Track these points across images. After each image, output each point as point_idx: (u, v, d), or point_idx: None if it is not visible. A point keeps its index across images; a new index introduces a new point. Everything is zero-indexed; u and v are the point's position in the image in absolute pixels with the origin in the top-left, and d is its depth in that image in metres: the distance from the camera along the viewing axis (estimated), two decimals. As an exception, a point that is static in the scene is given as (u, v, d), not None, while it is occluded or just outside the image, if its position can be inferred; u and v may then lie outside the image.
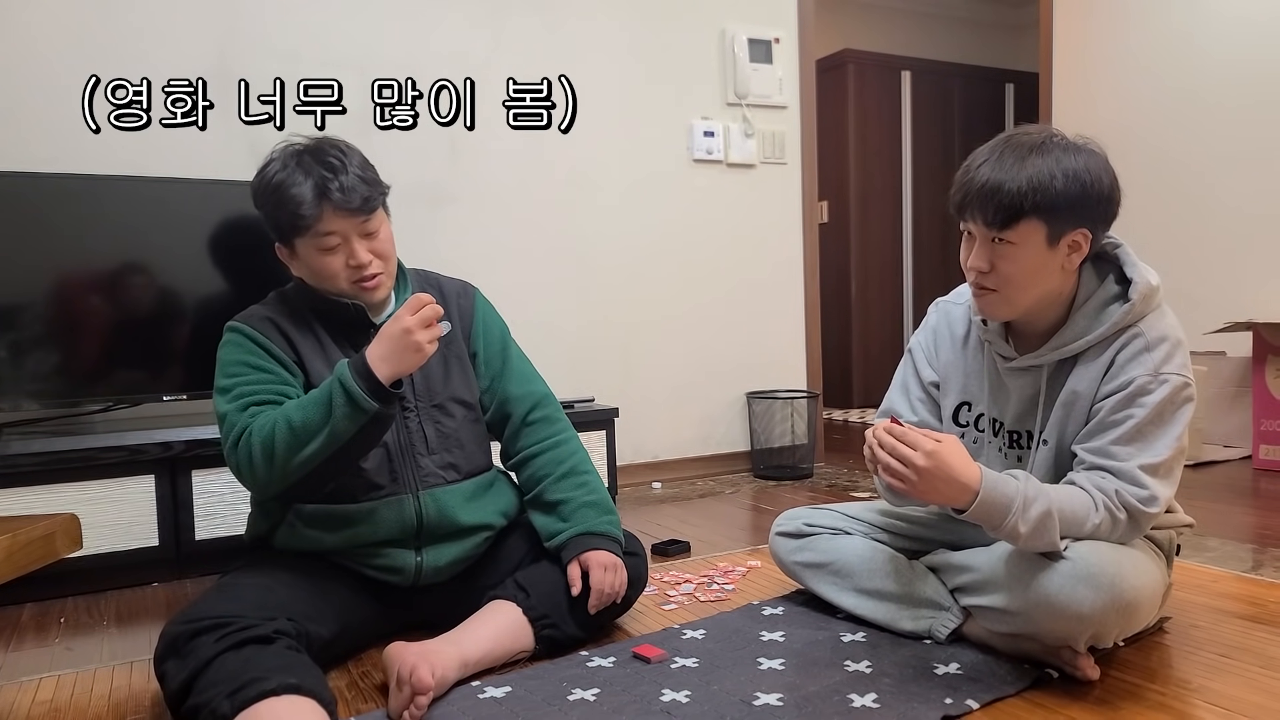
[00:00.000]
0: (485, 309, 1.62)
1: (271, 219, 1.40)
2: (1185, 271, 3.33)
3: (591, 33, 2.85)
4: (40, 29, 2.17)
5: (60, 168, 2.11)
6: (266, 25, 2.41)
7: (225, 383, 1.38)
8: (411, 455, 1.44)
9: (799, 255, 3.27)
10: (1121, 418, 1.25)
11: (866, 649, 1.38)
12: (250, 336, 1.41)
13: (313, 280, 1.44)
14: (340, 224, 1.37)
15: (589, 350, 2.88)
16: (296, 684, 1.07)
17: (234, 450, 1.33)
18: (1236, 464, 3.02)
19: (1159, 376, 1.25)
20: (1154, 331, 1.28)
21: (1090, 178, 1.23)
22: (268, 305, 1.49)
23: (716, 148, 3.07)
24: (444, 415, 1.49)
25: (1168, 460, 1.24)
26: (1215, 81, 3.37)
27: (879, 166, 4.92)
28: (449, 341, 1.53)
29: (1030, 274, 1.26)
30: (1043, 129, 1.28)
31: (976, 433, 1.44)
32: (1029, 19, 5.12)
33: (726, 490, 2.85)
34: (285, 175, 1.37)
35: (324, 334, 1.46)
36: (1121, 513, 1.23)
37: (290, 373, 1.40)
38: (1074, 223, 1.24)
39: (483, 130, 2.67)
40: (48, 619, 1.77)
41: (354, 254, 1.39)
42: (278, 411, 1.31)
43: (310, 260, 1.40)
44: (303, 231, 1.37)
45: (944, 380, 1.49)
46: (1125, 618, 1.20)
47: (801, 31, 3.22)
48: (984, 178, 1.24)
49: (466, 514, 1.47)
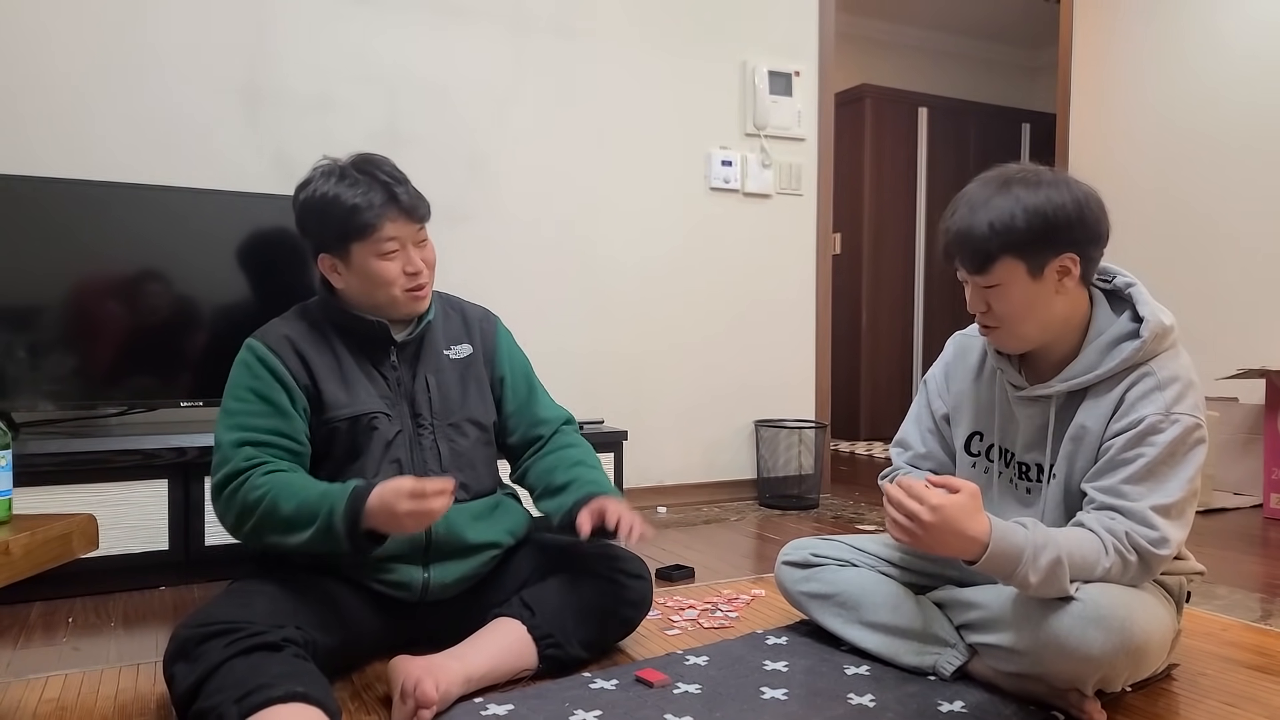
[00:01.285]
0: (506, 337, 1.66)
1: (321, 229, 1.42)
2: (1198, 316, 3.33)
3: (614, 59, 2.90)
4: (68, 42, 2.22)
5: (83, 175, 2.16)
6: (294, 43, 2.45)
7: (230, 405, 1.40)
8: (424, 473, 1.46)
9: (811, 286, 3.29)
10: (1132, 456, 1.25)
11: (870, 682, 1.38)
12: (263, 359, 1.41)
13: (362, 290, 1.44)
14: (401, 230, 1.42)
15: (599, 373, 2.89)
16: (303, 693, 1.08)
17: (219, 491, 1.35)
18: (1247, 512, 3.00)
19: (1170, 416, 1.25)
20: (1166, 371, 1.28)
21: (1052, 208, 1.24)
22: (288, 321, 1.49)
23: (734, 177, 3.10)
24: (458, 435, 1.51)
25: (1179, 502, 1.24)
26: (1232, 126, 3.39)
27: (893, 200, 4.96)
28: (468, 365, 1.56)
29: (1025, 307, 1.28)
30: (1007, 168, 1.30)
31: (987, 463, 1.45)
32: (1046, 60, 5.17)
33: (732, 517, 2.85)
34: (340, 185, 1.40)
35: (344, 352, 1.47)
36: (1132, 554, 1.22)
37: (294, 400, 1.40)
38: (1051, 252, 1.26)
39: (502, 152, 2.71)
40: (56, 618, 1.79)
41: (411, 260, 1.43)
42: (275, 488, 1.31)
43: (367, 267, 1.42)
44: (364, 235, 1.39)
45: (956, 410, 1.50)
46: (1134, 661, 1.20)
47: (821, 65, 3.27)
48: (955, 226, 1.29)
49: (474, 532, 1.48)
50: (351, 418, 1.43)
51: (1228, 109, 3.40)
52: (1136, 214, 3.60)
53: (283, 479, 1.33)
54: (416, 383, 1.50)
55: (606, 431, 2.58)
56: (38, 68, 2.19)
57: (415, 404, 1.49)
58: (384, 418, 1.45)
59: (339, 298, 1.49)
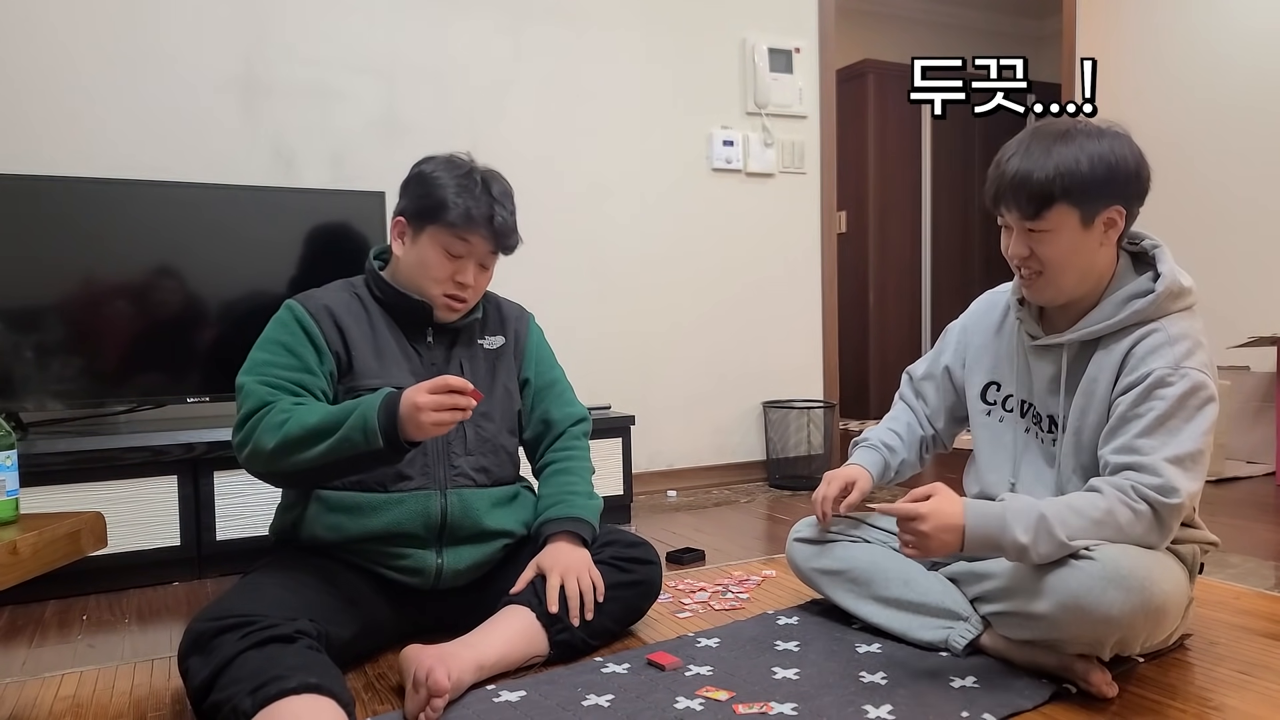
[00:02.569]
0: (538, 334, 1.68)
1: (417, 198, 1.46)
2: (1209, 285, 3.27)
3: (612, 42, 2.87)
4: (68, 37, 2.21)
5: (87, 172, 2.15)
6: (293, 33, 2.44)
7: (257, 356, 1.43)
8: (447, 453, 1.47)
9: (817, 265, 3.27)
10: (1143, 410, 1.25)
11: (882, 660, 1.38)
12: (298, 318, 1.44)
13: (412, 269, 1.48)
14: (478, 245, 1.47)
15: (606, 357, 2.89)
16: (316, 683, 1.08)
17: (242, 424, 1.36)
18: (1259, 480, 2.98)
19: (1179, 370, 1.25)
20: (1176, 328, 1.28)
21: (1115, 158, 1.26)
22: (330, 290, 1.52)
23: (736, 157, 3.08)
24: (486, 420, 1.53)
25: (1193, 453, 1.23)
26: (1239, 94, 3.34)
27: (898, 177, 4.92)
28: (499, 355, 1.59)
29: (1070, 255, 1.29)
30: (1067, 119, 1.32)
31: (1003, 412, 1.47)
32: (1050, 30, 5.10)
33: (741, 499, 2.84)
34: (464, 178, 1.46)
35: (381, 326, 1.49)
36: (1140, 504, 1.22)
37: (322, 360, 1.43)
38: (1105, 202, 1.27)
39: (505, 137, 2.70)
40: (70, 616, 1.80)
41: (465, 272, 1.47)
42: (299, 409, 1.34)
43: (428, 252, 1.46)
44: (447, 226, 1.44)
45: (974, 361, 1.53)
46: (1154, 622, 1.19)
47: (822, 41, 3.23)
48: (1013, 169, 1.28)
49: (491, 518, 1.49)
50: (381, 388, 1.40)
51: (1235, 76, 3.36)
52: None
53: (307, 405, 1.36)
54: (450, 365, 1.52)
55: (614, 416, 2.57)
56: (40, 65, 2.18)
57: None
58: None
59: (390, 268, 1.53)
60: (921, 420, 1.64)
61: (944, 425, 1.63)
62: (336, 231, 2.28)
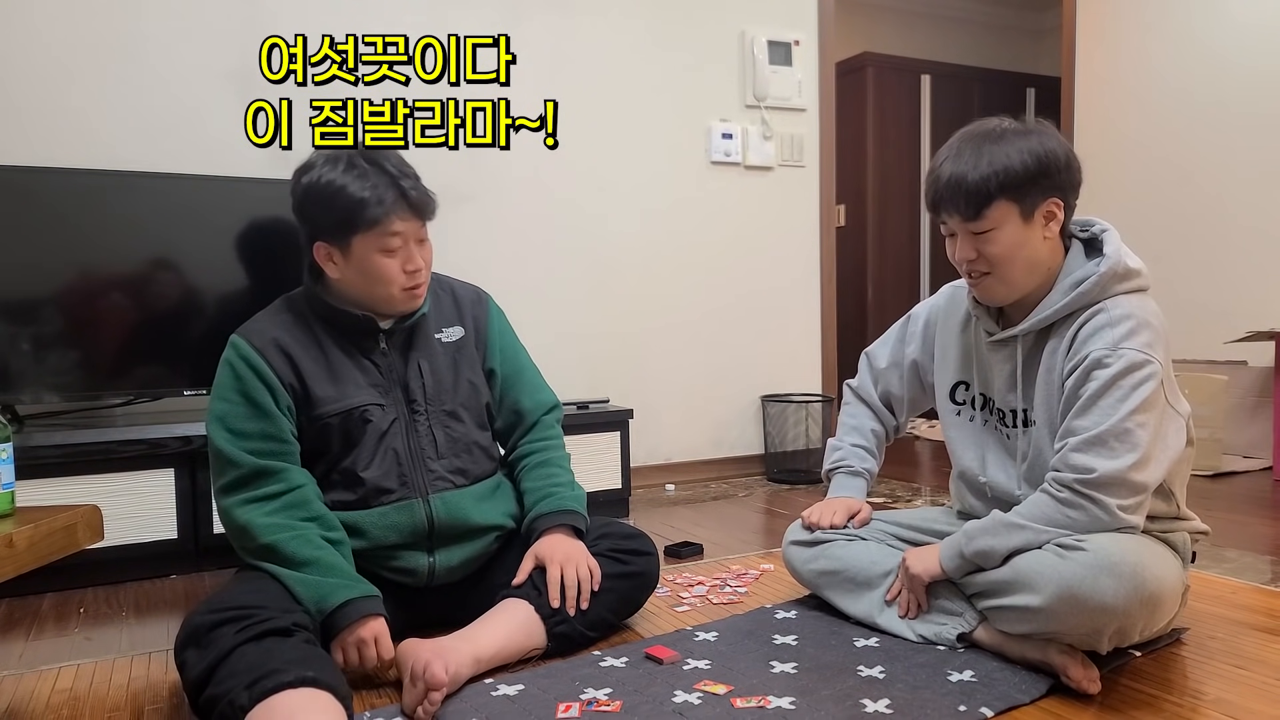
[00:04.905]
0: (499, 319, 1.63)
1: (324, 216, 1.38)
2: (1206, 280, 3.30)
3: (610, 33, 2.86)
4: (62, 27, 2.20)
5: (83, 163, 2.14)
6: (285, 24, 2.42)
7: (220, 409, 1.37)
8: (421, 460, 1.46)
9: (815, 258, 3.27)
10: (1082, 392, 1.27)
11: (880, 654, 1.38)
12: (246, 358, 1.38)
13: (358, 284, 1.41)
14: (406, 226, 1.39)
15: (603, 351, 2.88)
16: (314, 677, 1.08)
17: (228, 500, 1.34)
18: (1256, 475, 2.99)
19: (1117, 351, 1.25)
20: (1119, 309, 1.29)
21: (1044, 151, 1.29)
22: (273, 316, 1.46)
23: (734, 150, 3.07)
24: (454, 421, 1.50)
25: (1116, 430, 1.22)
26: (1238, 91, 3.33)
27: (897, 170, 4.90)
28: (460, 348, 1.54)
29: (1014, 249, 1.32)
30: (988, 121, 1.35)
31: (973, 411, 1.49)
32: (1050, 23, 5.09)
33: (740, 493, 2.85)
34: (349, 175, 1.36)
35: (330, 344, 1.44)
36: (1063, 491, 1.24)
37: (277, 400, 1.38)
38: (1041, 194, 1.30)
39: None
40: (68, 609, 1.80)
41: (412, 258, 1.40)
42: (296, 540, 1.30)
43: (367, 262, 1.39)
44: (369, 228, 1.36)
45: (941, 359, 1.55)
46: (1149, 610, 1.19)
47: (821, 34, 3.22)
48: (948, 173, 1.32)
49: (478, 514, 1.49)
50: (343, 413, 1.41)
51: (1233, 71, 3.35)
52: (1142, 177, 3.56)
53: (303, 537, 1.31)
54: (409, 369, 1.48)
55: (612, 410, 2.57)
56: (34, 56, 2.17)
57: (409, 390, 1.48)
58: (377, 408, 1.44)
59: (327, 288, 1.46)
60: (882, 417, 1.69)
61: (904, 416, 1.69)
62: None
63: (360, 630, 1.27)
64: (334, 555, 1.32)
